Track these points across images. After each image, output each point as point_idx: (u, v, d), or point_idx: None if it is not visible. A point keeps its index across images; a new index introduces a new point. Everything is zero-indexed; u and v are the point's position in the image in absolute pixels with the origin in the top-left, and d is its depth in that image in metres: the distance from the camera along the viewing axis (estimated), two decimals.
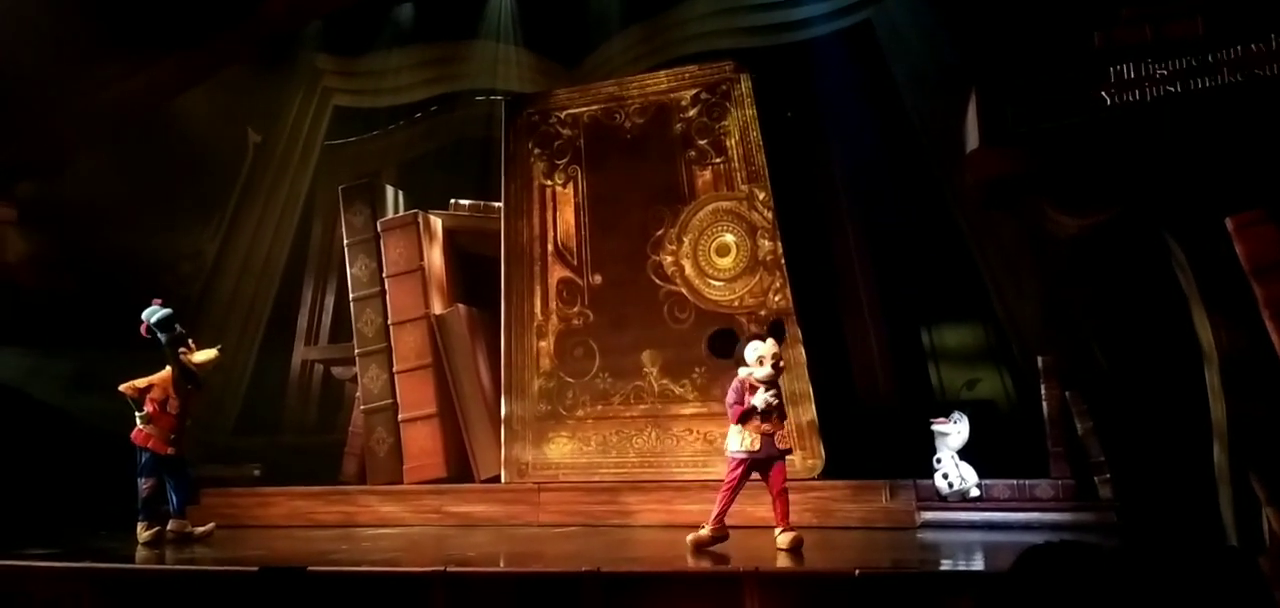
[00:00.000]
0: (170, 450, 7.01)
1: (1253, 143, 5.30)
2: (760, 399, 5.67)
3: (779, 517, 5.75)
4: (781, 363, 5.80)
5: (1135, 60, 5.60)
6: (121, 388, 7.00)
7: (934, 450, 6.90)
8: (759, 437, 5.71)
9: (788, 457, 5.91)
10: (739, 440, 5.74)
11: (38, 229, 8.42)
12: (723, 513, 5.76)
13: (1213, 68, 5.45)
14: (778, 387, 5.82)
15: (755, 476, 5.82)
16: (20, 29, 7.26)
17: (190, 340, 7.17)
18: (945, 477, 6.76)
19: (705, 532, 5.73)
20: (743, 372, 5.80)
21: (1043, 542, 1.99)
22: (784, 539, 5.60)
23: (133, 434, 6.98)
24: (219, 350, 7.38)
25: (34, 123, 7.99)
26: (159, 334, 7.00)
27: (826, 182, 9.09)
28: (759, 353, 5.73)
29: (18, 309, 8.19)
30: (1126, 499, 6.29)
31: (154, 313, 7.03)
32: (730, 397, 5.83)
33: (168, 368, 7.06)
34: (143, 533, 6.81)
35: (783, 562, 5.35)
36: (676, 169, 8.46)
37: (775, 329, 5.89)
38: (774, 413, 5.73)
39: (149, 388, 7.00)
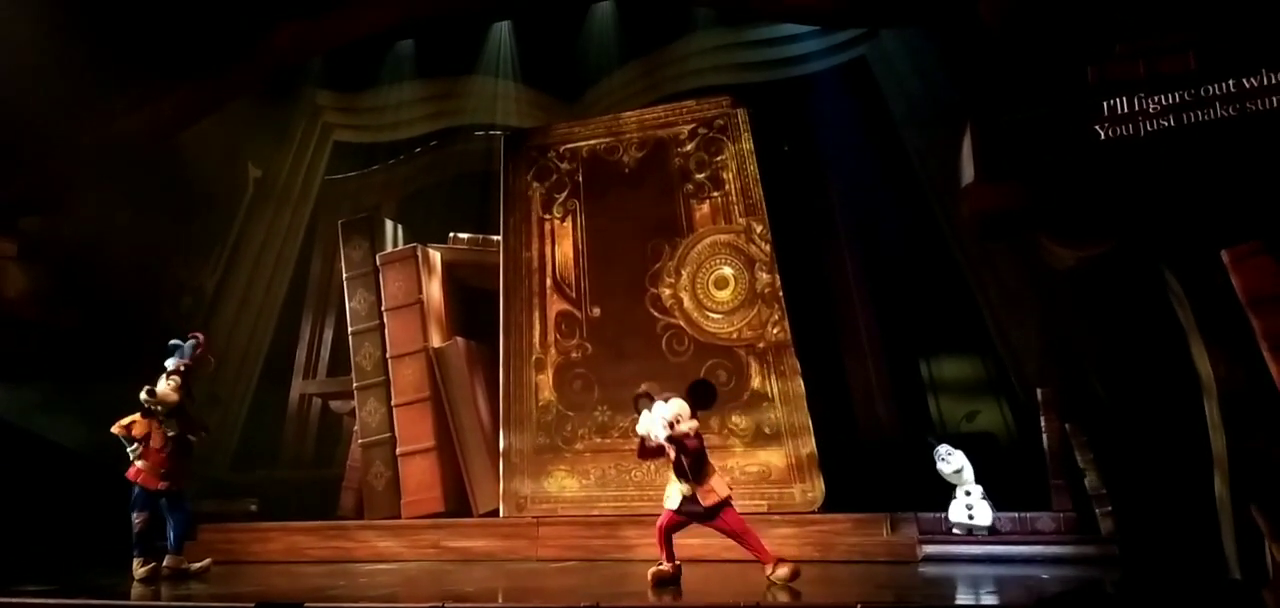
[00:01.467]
0: (162, 485, 6.95)
1: (1247, 176, 5.35)
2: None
3: (757, 555, 5.63)
4: (689, 428, 5.56)
5: (1129, 95, 5.66)
6: (113, 429, 6.98)
7: (934, 482, 6.88)
8: (681, 498, 5.69)
9: (726, 506, 5.68)
10: (668, 494, 5.76)
11: (39, 264, 8.42)
12: (661, 547, 5.74)
13: (1206, 102, 5.50)
14: (692, 448, 5.60)
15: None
16: (23, 64, 7.30)
17: (174, 376, 7.02)
18: (969, 508, 6.71)
19: (665, 568, 5.69)
20: (647, 429, 5.61)
21: (1054, 592, 1.96)
22: (779, 575, 5.49)
23: (128, 472, 6.95)
24: (176, 391, 6.98)
25: (36, 158, 8.02)
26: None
27: (824, 214, 9.14)
28: (667, 417, 5.51)
29: (19, 344, 8.17)
30: (1128, 532, 6.26)
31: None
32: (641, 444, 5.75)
33: None
34: (138, 570, 6.76)
35: (783, 597, 5.31)
36: (675, 203, 8.51)
37: (697, 392, 5.72)
38: (688, 476, 5.62)
39: (132, 424, 6.98)
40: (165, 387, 6.95)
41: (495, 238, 9.10)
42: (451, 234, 9.59)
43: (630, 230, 8.56)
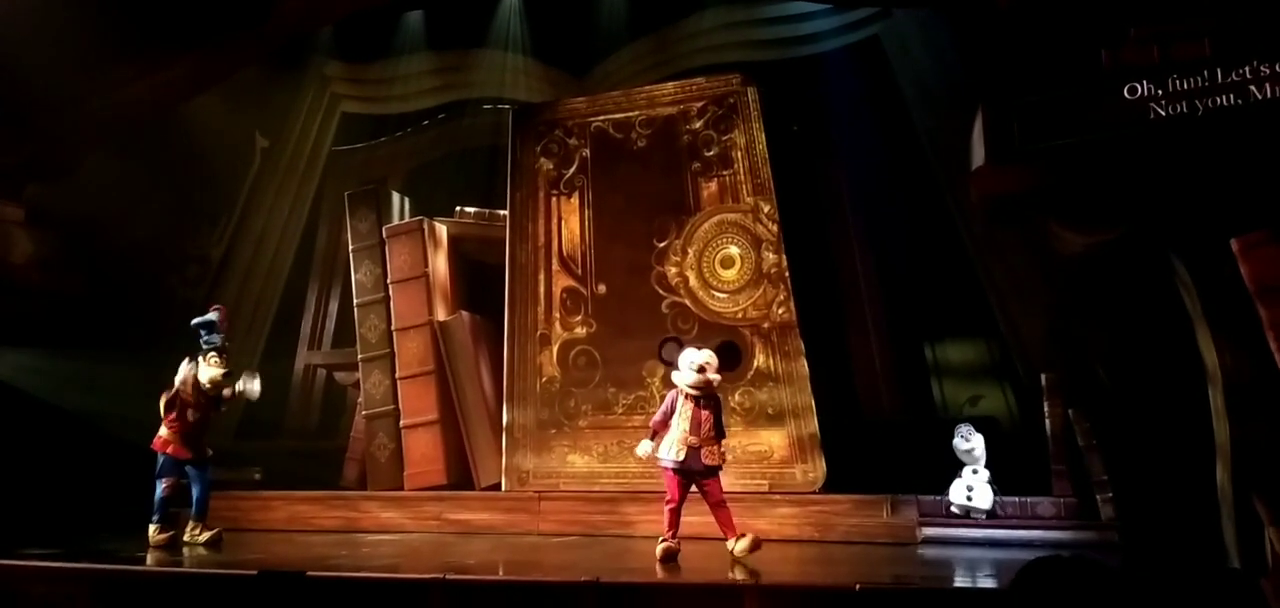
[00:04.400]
0: (190, 455, 6.96)
1: (1259, 164, 5.30)
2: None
3: (724, 527, 5.82)
4: (715, 380, 5.94)
5: (1142, 80, 5.61)
6: (182, 381, 7.00)
7: (936, 466, 6.88)
8: (686, 450, 5.81)
9: (720, 471, 5.98)
10: (667, 450, 5.85)
11: (45, 230, 8.44)
12: (671, 524, 5.84)
13: (1219, 89, 5.45)
14: (714, 405, 5.96)
15: (693, 489, 5.90)
16: (32, 31, 7.29)
17: (211, 355, 7.03)
18: (970, 490, 6.72)
19: (672, 543, 5.79)
20: (676, 378, 5.96)
21: (1045, 555, 1.96)
22: (739, 547, 5.67)
23: (154, 442, 6.94)
24: (224, 374, 7.12)
25: (44, 124, 8.02)
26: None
27: (832, 196, 9.11)
28: (697, 362, 5.89)
29: (24, 310, 8.21)
30: (1129, 518, 6.26)
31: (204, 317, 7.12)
32: (660, 412, 5.98)
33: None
34: (155, 536, 6.77)
35: (779, 574, 5.34)
36: (682, 181, 8.48)
37: (725, 350, 6.08)
38: (701, 428, 5.83)
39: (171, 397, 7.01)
40: (216, 372, 7.00)
41: (502, 212, 9.08)
42: (458, 208, 9.58)
43: (637, 208, 8.53)
